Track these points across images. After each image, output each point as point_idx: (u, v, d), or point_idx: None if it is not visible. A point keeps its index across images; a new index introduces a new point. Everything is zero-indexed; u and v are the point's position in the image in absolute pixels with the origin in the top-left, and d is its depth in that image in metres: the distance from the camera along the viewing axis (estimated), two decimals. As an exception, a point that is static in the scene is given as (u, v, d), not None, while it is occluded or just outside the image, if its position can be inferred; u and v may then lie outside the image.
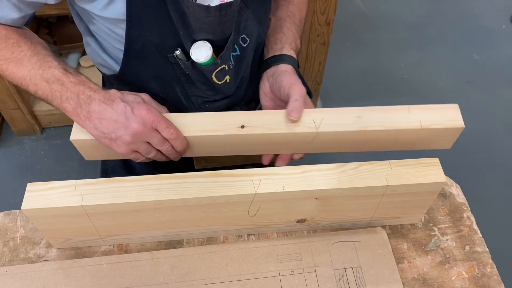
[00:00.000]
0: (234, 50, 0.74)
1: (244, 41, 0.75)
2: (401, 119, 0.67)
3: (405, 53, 2.22)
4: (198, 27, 0.67)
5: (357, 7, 2.42)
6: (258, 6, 0.74)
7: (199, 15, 0.64)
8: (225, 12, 0.66)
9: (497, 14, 2.41)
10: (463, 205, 0.79)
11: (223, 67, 0.73)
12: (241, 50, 0.75)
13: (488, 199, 1.67)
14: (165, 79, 0.77)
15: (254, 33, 0.76)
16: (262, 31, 0.78)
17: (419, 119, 0.67)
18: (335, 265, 0.70)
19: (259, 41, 0.79)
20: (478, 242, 0.74)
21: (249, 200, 0.65)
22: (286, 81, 0.71)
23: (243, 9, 0.71)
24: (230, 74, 0.76)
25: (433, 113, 0.68)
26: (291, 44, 0.79)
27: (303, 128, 0.68)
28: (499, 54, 2.22)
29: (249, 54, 0.78)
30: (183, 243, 0.73)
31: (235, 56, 0.75)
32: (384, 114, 0.67)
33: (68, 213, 0.63)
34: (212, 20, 0.65)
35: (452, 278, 0.70)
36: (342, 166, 0.67)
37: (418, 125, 0.66)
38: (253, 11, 0.73)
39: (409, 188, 0.66)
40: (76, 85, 0.65)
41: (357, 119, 0.67)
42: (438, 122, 0.67)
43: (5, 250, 0.72)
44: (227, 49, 0.71)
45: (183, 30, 0.68)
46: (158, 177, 0.65)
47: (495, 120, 1.94)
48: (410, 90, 2.05)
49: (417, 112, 0.68)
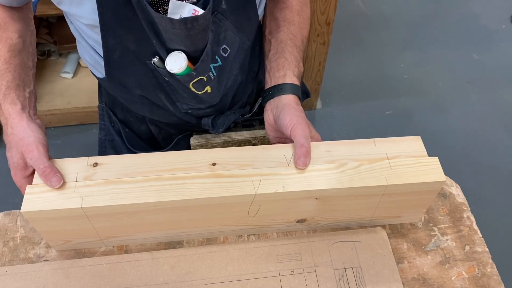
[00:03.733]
0: (215, 61, 0.73)
1: (225, 51, 0.74)
2: (368, 151, 0.69)
3: (405, 53, 2.22)
4: (168, 37, 0.66)
5: (357, 7, 2.42)
6: (238, 15, 0.72)
7: (165, 26, 0.64)
8: (191, 26, 0.64)
9: (497, 14, 2.41)
10: (463, 205, 0.79)
11: (200, 79, 0.72)
12: (222, 60, 0.74)
13: (488, 199, 1.67)
14: (148, 86, 0.76)
15: (235, 42, 0.74)
16: (245, 38, 0.76)
17: (384, 151, 0.69)
18: (335, 265, 0.70)
19: (244, 48, 0.78)
20: (478, 242, 0.74)
21: (249, 200, 0.65)
22: (289, 120, 0.70)
23: (222, 20, 0.70)
24: (212, 85, 0.75)
25: (397, 145, 0.70)
26: (293, 70, 0.76)
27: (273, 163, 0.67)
28: (499, 54, 2.22)
29: (232, 63, 0.77)
30: (183, 243, 0.73)
31: (216, 67, 0.73)
32: (352, 147, 0.70)
33: (68, 215, 0.63)
34: (179, 32, 0.64)
35: (452, 278, 0.70)
36: (342, 166, 0.67)
37: (384, 156, 0.68)
38: (232, 21, 0.71)
39: (408, 188, 0.66)
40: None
41: (327, 153, 0.69)
42: (402, 153, 0.69)
43: (5, 250, 0.72)
44: (202, 61, 0.69)
45: (156, 39, 0.67)
46: (158, 178, 0.65)
47: (495, 120, 1.94)
48: (410, 90, 2.05)
49: (382, 145, 0.70)
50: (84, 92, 1.86)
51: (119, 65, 0.73)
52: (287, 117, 0.70)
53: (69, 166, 0.66)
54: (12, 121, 0.68)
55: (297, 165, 0.66)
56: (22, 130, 0.68)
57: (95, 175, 0.65)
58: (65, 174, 0.65)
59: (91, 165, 0.66)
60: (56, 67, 1.97)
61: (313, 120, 1.89)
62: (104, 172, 0.65)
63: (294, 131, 0.69)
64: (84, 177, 0.65)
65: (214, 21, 0.68)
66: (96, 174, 0.65)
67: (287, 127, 0.70)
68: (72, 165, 0.66)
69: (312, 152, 0.68)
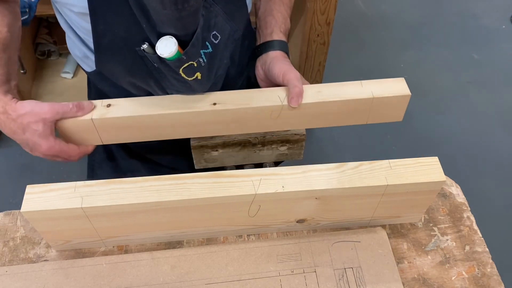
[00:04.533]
0: (206, 47, 0.73)
1: (216, 38, 0.74)
2: (355, 92, 0.75)
3: (405, 53, 2.21)
4: (159, 19, 0.66)
5: (357, 7, 2.42)
6: (228, 2, 0.74)
7: (156, 7, 0.63)
8: (182, 7, 0.63)
9: (497, 14, 2.41)
10: (463, 205, 0.79)
11: (190, 64, 0.71)
12: (213, 47, 0.74)
13: (488, 199, 1.67)
14: (138, 73, 0.76)
15: (225, 29, 0.75)
16: (236, 27, 0.77)
17: (370, 90, 0.75)
18: (335, 265, 0.70)
19: (235, 37, 0.79)
20: (478, 242, 0.74)
21: (249, 200, 0.65)
22: (278, 69, 0.75)
23: (212, 5, 0.71)
24: (202, 72, 0.74)
25: (383, 85, 0.76)
26: (280, 27, 0.81)
27: (270, 102, 0.73)
28: (499, 54, 2.22)
29: (222, 51, 0.77)
30: (183, 243, 0.73)
31: (207, 53, 0.73)
32: (340, 88, 0.75)
33: (68, 215, 0.63)
34: (169, 13, 0.63)
35: (452, 278, 0.70)
36: (341, 166, 0.67)
37: (370, 95, 0.74)
38: (222, 7, 0.73)
39: (408, 188, 0.66)
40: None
41: (317, 93, 0.74)
42: (388, 92, 0.75)
43: (5, 250, 0.72)
44: (192, 45, 0.69)
45: (146, 23, 0.67)
46: (158, 178, 0.65)
47: (495, 120, 1.94)
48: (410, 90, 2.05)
49: (368, 86, 0.76)
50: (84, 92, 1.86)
51: (109, 52, 0.73)
52: (276, 67, 0.76)
53: None
54: (9, 107, 0.68)
55: (290, 103, 0.72)
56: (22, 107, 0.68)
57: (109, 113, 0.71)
58: None
59: (105, 106, 0.72)
60: (56, 67, 1.96)
61: (313, 120, 1.89)
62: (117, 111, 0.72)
63: (286, 75, 0.74)
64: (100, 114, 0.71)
65: (205, 6, 0.69)
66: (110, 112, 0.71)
67: (278, 75, 0.75)
68: None
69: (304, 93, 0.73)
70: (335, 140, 1.84)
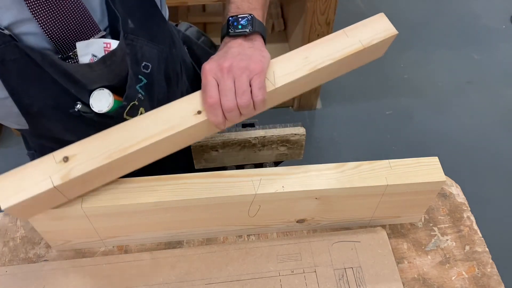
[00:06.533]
0: (140, 81, 0.69)
1: (147, 68, 0.69)
2: (344, 46, 0.67)
3: (405, 53, 2.21)
4: (88, 81, 0.62)
5: (357, 7, 2.42)
6: (148, 28, 0.68)
7: (84, 73, 0.60)
8: (111, 62, 0.61)
9: (497, 14, 2.41)
10: (463, 205, 0.79)
11: (132, 104, 0.68)
12: (146, 77, 0.69)
13: (488, 199, 1.67)
14: (78, 129, 0.69)
15: (154, 55, 0.70)
16: (161, 47, 0.71)
17: (358, 39, 0.68)
18: (335, 265, 0.70)
19: (163, 56, 0.73)
20: (478, 242, 0.74)
21: (249, 200, 0.65)
22: None
23: (134, 39, 0.65)
24: (144, 105, 0.70)
25: (367, 29, 0.70)
26: None
27: None
28: (499, 54, 2.22)
29: (157, 77, 0.72)
30: (183, 243, 0.73)
31: (142, 86, 0.69)
32: (328, 47, 0.67)
33: (68, 215, 0.63)
34: (99, 72, 0.61)
35: (452, 278, 0.70)
36: (341, 166, 0.67)
37: (360, 45, 0.67)
38: (144, 36, 0.67)
39: (408, 188, 0.66)
40: None
41: (305, 60, 0.65)
42: (376, 37, 0.69)
43: (5, 250, 0.72)
44: (129, 87, 0.66)
45: (74, 88, 0.63)
46: (158, 178, 0.65)
47: (495, 120, 1.94)
48: (410, 90, 2.05)
49: (354, 34, 0.69)
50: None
51: (41, 118, 0.68)
52: None
53: (35, 171, 0.56)
54: None
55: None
56: None
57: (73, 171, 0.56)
58: (35, 182, 0.55)
59: (61, 161, 0.56)
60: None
61: (313, 120, 1.89)
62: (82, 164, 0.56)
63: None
64: (61, 177, 0.55)
65: (128, 43, 0.64)
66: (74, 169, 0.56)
67: None
68: (39, 168, 0.57)
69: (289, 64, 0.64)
70: (335, 140, 1.84)
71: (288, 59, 0.65)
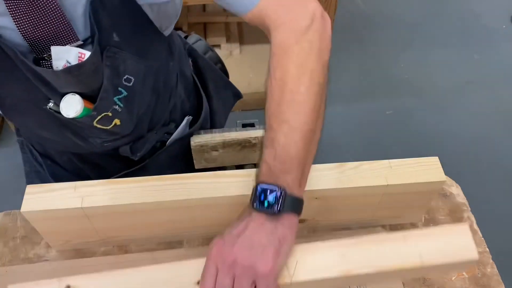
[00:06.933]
0: (119, 93, 0.67)
1: (129, 81, 0.67)
2: (394, 254, 0.53)
3: (406, 53, 2.21)
4: (58, 85, 0.62)
5: (357, 7, 2.42)
6: (137, 43, 0.66)
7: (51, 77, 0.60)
8: (78, 73, 0.60)
9: (497, 14, 2.40)
10: (464, 205, 0.79)
11: (104, 115, 0.67)
12: (127, 90, 0.68)
13: (488, 199, 1.67)
14: (52, 127, 0.70)
15: (139, 69, 0.67)
16: (151, 62, 0.69)
17: (419, 251, 0.53)
18: (335, 265, 0.70)
19: (152, 71, 0.71)
20: (478, 242, 0.74)
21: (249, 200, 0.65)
22: None
23: (117, 53, 0.63)
24: (121, 117, 0.69)
25: (437, 241, 0.53)
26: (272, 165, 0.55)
27: None
28: (500, 54, 2.22)
29: (141, 90, 0.70)
30: (183, 243, 0.73)
31: (122, 98, 0.68)
32: (373, 251, 0.53)
33: (68, 215, 0.63)
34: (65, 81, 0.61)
35: (453, 278, 0.70)
36: (342, 166, 0.67)
37: (418, 261, 0.52)
38: (131, 51, 0.65)
39: (409, 188, 0.66)
40: None
41: (341, 259, 0.54)
42: (445, 256, 0.52)
43: (5, 250, 0.72)
44: (101, 99, 0.65)
45: (45, 87, 0.62)
46: (158, 178, 0.65)
47: (495, 120, 1.94)
48: (411, 90, 2.05)
49: (416, 243, 0.53)
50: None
51: (15, 111, 0.69)
52: None
53: None
54: None
55: None
56: None
57: None
58: None
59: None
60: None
61: (313, 120, 1.89)
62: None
63: None
64: None
65: (109, 56, 0.62)
66: None
67: None
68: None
69: (319, 257, 0.54)
70: (335, 140, 1.84)
71: (320, 251, 0.55)
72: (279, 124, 0.55)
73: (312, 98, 0.56)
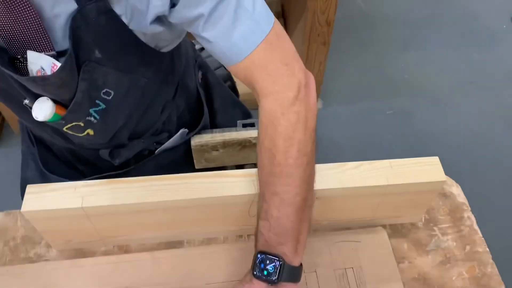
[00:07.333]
0: (96, 105, 0.66)
1: (108, 94, 0.66)
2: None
3: (406, 53, 2.21)
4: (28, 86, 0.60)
5: (357, 7, 2.42)
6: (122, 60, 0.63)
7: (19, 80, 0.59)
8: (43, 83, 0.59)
9: (498, 14, 2.40)
10: (464, 205, 0.79)
11: (76, 124, 0.66)
12: (106, 103, 0.66)
13: (488, 199, 1.67)
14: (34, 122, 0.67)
15: (122, 83, 0.66)
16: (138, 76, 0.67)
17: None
18: (336, 265, 0.70)
19: (139, 85, 0.69)
20: (479, 242, 0.74)
21: (249, 200, 0.65)
22: None
23: (97, 68, 0.61)
24: (95, 127, 0.68)
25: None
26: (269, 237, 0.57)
27: None
28: (500, 54, 2.22)
29: (121, 104, 0.69)
30: (183, 243, 0.73)
31: (99, 110, 0.67)
32: None
33: (68, 214, 0.63)
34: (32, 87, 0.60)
35: (453, 278, 0.70)
36: (342, 165, 0.67)
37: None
38: (113, 66, 0.63)
39: (409, 187, 0.66)
40: None
41: None
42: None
43: (5, 250, 0.72)
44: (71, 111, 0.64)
45: (17, 85, 0.61)
46: (158, 178, 0.65)
47: (495, 120, 1.94)
48: (411, 90, 2.05)
49: None
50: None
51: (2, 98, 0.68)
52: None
53: None
54: None
55: None
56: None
57: None
58: None
59: None
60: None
61: (314, 120, 1.89)
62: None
63: None
64: None
65: (87, 70, 0.60)
66: None
67: None
68: None
69: None
70: (335, 140, 1.84)
71: None
72: (270, 196, 0.57)
73: (301, 169, 0.56)
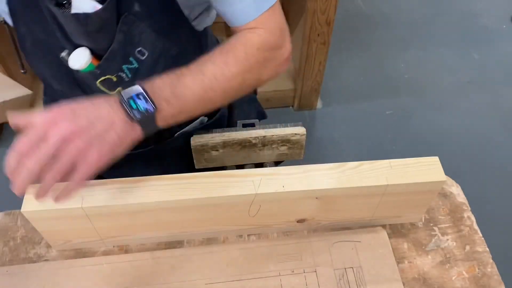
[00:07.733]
0: (130, 62, 0.69)
1: (142, 54, 0.68)
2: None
3: (405, 53, 2.21)
4: (69, 31, 0.63)
5: (357, 7, 2.42)
6: (158, 20, 0.67)
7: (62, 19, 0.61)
8: (85, 22, 0.60)
9: (497, 14, 2.41)
10: (464, 204, 0.79)
11: (108, 78, 0.68)
12: (139, 62, 0.69)
13: (488, 199, 1.67)
14: (65, 80, 0.72)
15: (156, 46, 0.69)
16: (171, 43, 0.70)
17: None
18: (336, 265, 0.70)
19: (171, 54, 0.71)
20: (479, 242, 0.74)
21: (249, 200, 0.65)
22: None
23: (135, 22, 0.65)
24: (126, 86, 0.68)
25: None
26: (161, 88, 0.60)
27: None
28: (500, 53, 2.22)
29: (152, 67, 0.71)
30: (183, 243, 0.73)
31: (131, 68, 0.69)
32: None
33: (68, 214, 0.63)
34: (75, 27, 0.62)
35: (453, 278, 0.70)
36: (342, 165, 0.67)
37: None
38: (150, 24, 0.66)
39: (409, 187, 0.66)
40: None
41: None
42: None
43: (5, 250, 0.72)
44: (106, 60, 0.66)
45: (59, 32, 0.64)
46: (158, 178, 0.65)
47: (495, 120, 1.94)
48: (411, 89, 2.05)
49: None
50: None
51: (33, 56, 0.71)
52: None
53: None
54: None
55: None
56: None
57: None
58: None
59: None
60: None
61: (314, 120, 1.89)
62: None
63: None
64: None
65: (125, 22, 0.64)
66: None
67: None
68: None
69: None
70: (335, 140, 1.84)
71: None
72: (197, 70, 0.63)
73: (230, 82, 0.64)
